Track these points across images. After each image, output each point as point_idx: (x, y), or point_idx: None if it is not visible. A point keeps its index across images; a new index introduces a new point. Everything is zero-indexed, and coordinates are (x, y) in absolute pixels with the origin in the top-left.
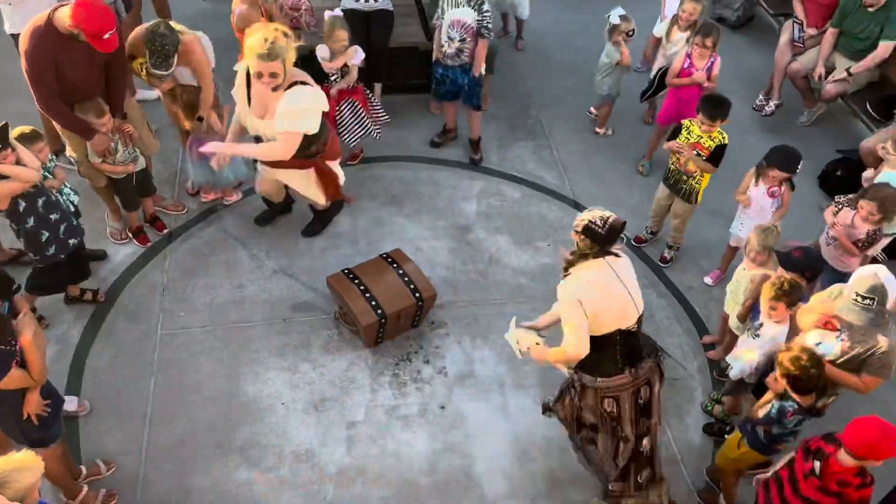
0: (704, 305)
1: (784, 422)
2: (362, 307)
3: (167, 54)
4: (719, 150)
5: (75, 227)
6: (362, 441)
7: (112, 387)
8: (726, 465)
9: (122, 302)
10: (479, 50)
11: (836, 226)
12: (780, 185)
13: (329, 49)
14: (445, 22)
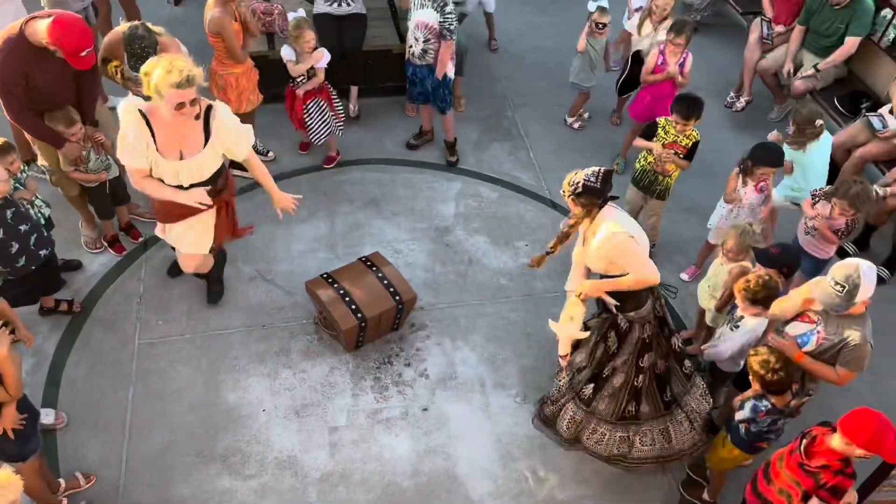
0: (681, 301)
1: (758, 420)
2: (342, 311)
3: (146, 55)
4: (695, 147)
5: (46, 238)
6: (345, 446)
7: (90, 398)
8: (716, 464)
9: (98, 312)
10: (443, 51)
11: (816, 218)
12: (766, 180)
13: (295, 50)
14: (412, 23)
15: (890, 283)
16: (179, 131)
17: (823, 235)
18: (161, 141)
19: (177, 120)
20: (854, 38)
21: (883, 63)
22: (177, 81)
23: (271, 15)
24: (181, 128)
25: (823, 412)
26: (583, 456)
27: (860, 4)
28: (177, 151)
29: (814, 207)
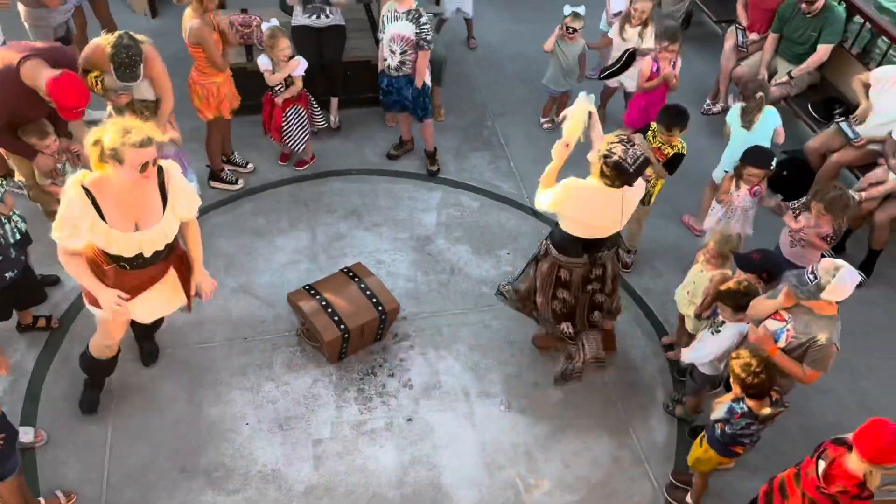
0: (662, 307)
1: (732, 422)
2: (324, 323)
3: (134, 64)
4: (676, 157)
5: (13, 259)
6: (329, 458)
7: (70, 415)
8: (694, 464)
9: (77, 327)
10: (420, 61)
11: (803, 230)
12: (758, 183)
13: (271, 60)
14: (387, 36)
15: (866, 285)
16: (135, 200)
17: (812, 244)
18: (112, 215)
19: (135, 186)
20: (826, 46)
21: (855, 70)
22: (139, 140)
23: (249, 27)
24: (137, 195)
25: (803, 413)
26: (568, 462)
27: (831, 13)
28: (131, 223)
29: (797, 220)
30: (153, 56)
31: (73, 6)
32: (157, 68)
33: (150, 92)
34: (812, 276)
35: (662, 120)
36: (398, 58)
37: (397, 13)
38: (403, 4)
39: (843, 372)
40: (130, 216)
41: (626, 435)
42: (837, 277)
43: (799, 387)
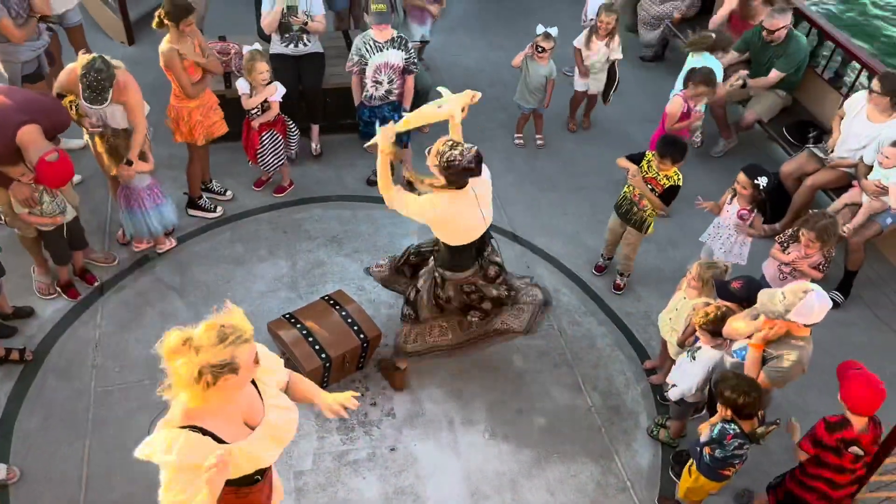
0: (644, 330)
1: (724, 444)
2: (305, 352)
3: (102, 88)
4: (671, 189)
5: None
6: (311, 491)
7: (44, 450)
8: (686, 496)
9: (51, 360)
10: (408, 85)
11: (795, 262)
12: (750, 210)
13: (249, 83)
14: (370, 68)
15: (844, 306)
16: (240, 402)
17: (805, 274)
18: (226, 432)
19: (241, 388)
20: (777, 73)
21: (826, 94)
22: (243, 333)
23: (228, 54)
24: (242, 396)
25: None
26: (553, 490)
27: (793, 43)
28: (242, 428)
29: (786, 252)
30: (127, 82)
31: (45, 43)
32: (130, 95)
33: (125, 120)
34: (782, 295)
35: (659, 149)
36: (385, 87)
37: (379, 44)
38: (384, 35)
39: (824, 393)
40: (238, 420)
41: (610, 460)
42: (805, 300)
43: (781, 409)
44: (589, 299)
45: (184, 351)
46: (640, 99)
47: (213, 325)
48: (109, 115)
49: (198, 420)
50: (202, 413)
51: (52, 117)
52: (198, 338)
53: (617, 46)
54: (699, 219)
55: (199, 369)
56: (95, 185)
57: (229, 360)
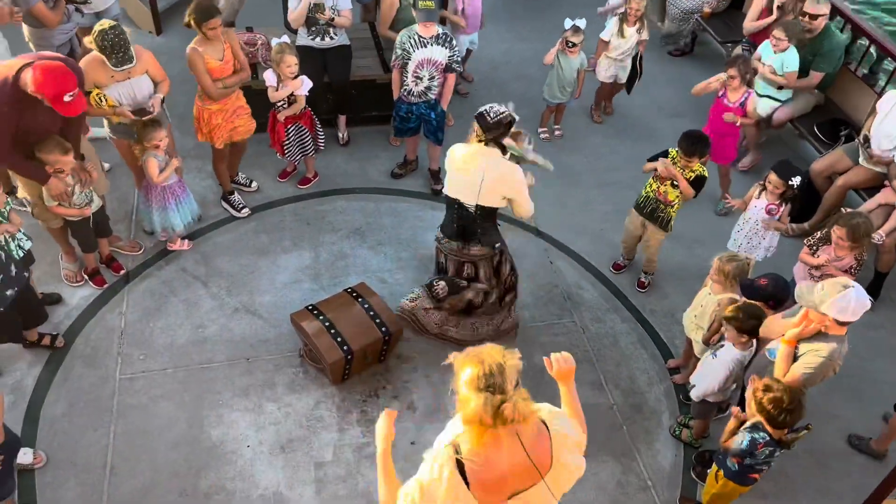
0: (668, 329)
1: (755, 453)
2: (327, 344)
3: (124, 44)
4: (699, 179)
5: (13, 277)
6: (331, 482)
7: (69, 436)
8: (714, 500)
9: (78, 347)
10: (449, 83)
11: (825, 266)
12: (779, 203)
13: (277, 75)
14: (412, 63)
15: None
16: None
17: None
18: (486, 484)
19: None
20: (818, 74)
21: (860, 91)
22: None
23: (254, 46)
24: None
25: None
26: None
27: (829, 40)
28: (505, 491)
29: (815, 256)
30: (140, 49)
31: (76, 25)
32: (148, 57)
33: (150, 91)
34: (821, 287)
35: (683, 145)
36: (426, 83)
37: (424, 39)
38: (429, 31)
39: (851, 397)
40: (505, 482)
41: (631, 459)
42: (840, 295)
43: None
44: (612, 296)
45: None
46: (667, 94)
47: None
48: (137, 90)
49: (473, 463)
50: (478, 457)
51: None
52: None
53: (645, 29)
54: (727, 218)
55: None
56: (121, 174)
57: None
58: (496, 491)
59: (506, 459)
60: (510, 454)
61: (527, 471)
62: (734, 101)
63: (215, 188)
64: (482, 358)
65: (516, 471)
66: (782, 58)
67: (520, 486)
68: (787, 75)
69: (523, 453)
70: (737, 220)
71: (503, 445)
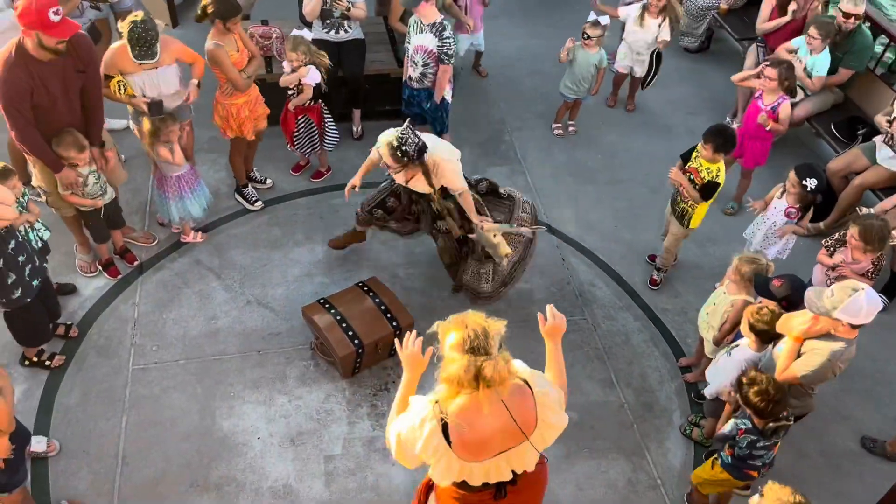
0: (680, 327)
1: (737, 439)
2: (339, 337)
3: (151, 40)
4: (710, 185)
5: (38, 267)
6: (341, 475)
7: (82, 425)
8: (700, 484)
9: (91, 337)
10: (440, 75)
11: (841, 267)
12: (798, 209)
13: (290, 63)
14: (410, 47)
15: (889, 309)
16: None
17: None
18: (469, 445)
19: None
20: (847, 71)
21: (879, 90)
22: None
23: (269, 39)
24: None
25: (823, 440)
26: (582, 485)
27: (861, 38)
28: (488, 452)
29: (832, 257)
30: (169, 39)
31: (88, 21)
32: (177, 47)
33: (177, 81)
34: (830, 292)
35: (712, 140)
36: (420, 69)
37: (422, 25)
38: (427, 17)
39: (865, 398)
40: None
41: (641, 458)
42: (853, 297)
43: (819, 412)
44: (624, 294)
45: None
46: (682, 91)
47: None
48: (163, 81)
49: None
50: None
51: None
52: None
53: (667, 26)
54: (741, 216)
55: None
56: (137, 165)
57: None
58: (479, 452)
59: (489, 422)
60: (494, 417)
61: (511, 433)
62: (768, 103)
63: (228, 181)
64: (466, 322)
65: (501, 433)
66: (814, 60)
67: (504, 447)
68: (815, 79)
69: (507, 416)
70: (751, 217)
71: (484, 410)
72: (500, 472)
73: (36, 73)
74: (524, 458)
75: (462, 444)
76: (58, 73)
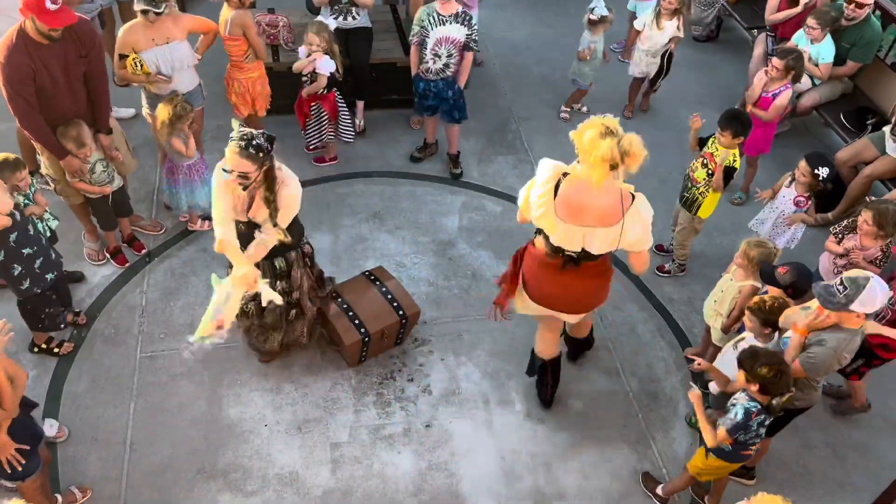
0: (686, 318)
1: (749, 424)
2: (345, 325)
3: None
4: (729, 171)
5: (53, 261)
6: (347, 462)
7: (91, 412)
8: (695, 473)
9: (100, 324)
10: (466, 62)
11: (850, 253)
12: (807, 197)
13: (307, 49)
14: (431, 40)
15: None
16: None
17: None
18: (567, 205)
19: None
20: (855, 63)
21: (889, 79)
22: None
23: (276, 27)
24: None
25: (829, 431)
26: (587, 474)
27: (869, 30)
28: (579, 220)
29: (840, 244)
30: (181, 14)
31: (98, 7)
32: (186, 20)
33: (190, 55)
34: (841, 286)
35: (730, 126)
36: (443, 61)
37: (443, 17)
38: (449, 8)
39: (871, 389)
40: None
41: (646, 447)
42: (867, 288)
43: (825, 403)
44: (631, 284)
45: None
46: (691, 81)
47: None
48: (176, 57)
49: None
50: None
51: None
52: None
53: (682, 25)
54: (748, 206)
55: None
56: (145, 153)
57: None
58: (572, 216)
59: (587, 197)
60: (592, 196)
61: (600, 215)
62: (770, 90)
63: None
64: (594, 122)
65: (592, 210)
66: (818, 49)
67: (589, 222)
68: (822, 66)
69: (604, 201)
70: (758, 207)
71: (591, 188)
72: (572, 242)
73: (37, 55)
74: (596, 241)
75: (563, 200)
76: (58, 58)
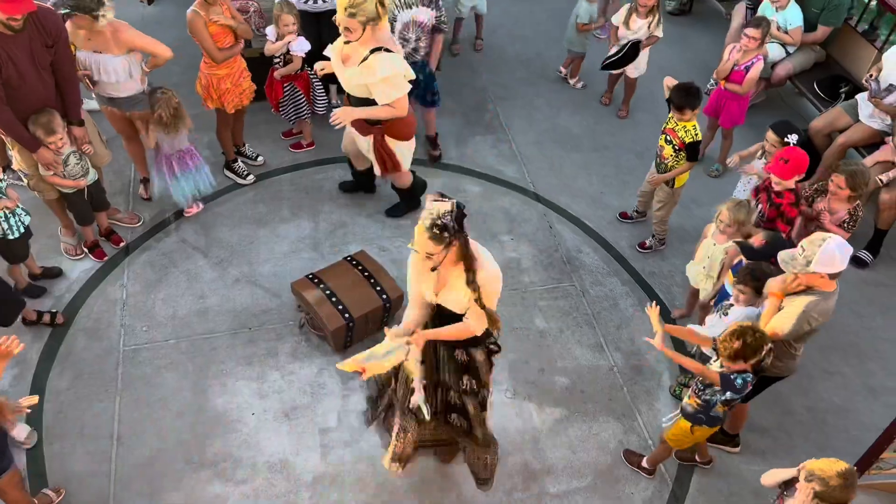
0: (668, 290)
1: (743, 390)
2: (329, 312)
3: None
4: (693, 145)
5: None
6: (336, 447)
7: (76, 408)
8: (676, 445)
9: (80, 320)
10: (437, 44)
11: (820, 215)
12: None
13: (276, 32)
14: (399, 24)
15: (873, 265)
16: None
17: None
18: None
19: None
20: (825, 28)
21: (861, 47)
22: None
23: (247, 13)
24: None
25: (809, 395)
26: (575, 448)
27: None
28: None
29: (812, 207)
30: (118, 26)
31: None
32: (129, 35)
33: (124, 72)
34: (801, 249)
35: (676, 100)
36: (412, 45)
37: (409, 0)
38: None
39: (850, 353)
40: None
41: (632, 419)
42: (822, 250)
43: (805, 369)
44: (612, 259)
45: None
46: (666, 55)
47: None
48: (103, 69)
49: None
50: None
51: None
52: None
53: (657, 24)
54: (725, 178)
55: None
56: (119, 145)
57: None
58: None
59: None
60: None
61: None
62: (743, 62)
63: (213, 158)
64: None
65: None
66: (784, 15)
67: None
68: (792, 32)
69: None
70: (735, 179)
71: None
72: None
73: (2, 46)
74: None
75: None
76: (24, 48)
